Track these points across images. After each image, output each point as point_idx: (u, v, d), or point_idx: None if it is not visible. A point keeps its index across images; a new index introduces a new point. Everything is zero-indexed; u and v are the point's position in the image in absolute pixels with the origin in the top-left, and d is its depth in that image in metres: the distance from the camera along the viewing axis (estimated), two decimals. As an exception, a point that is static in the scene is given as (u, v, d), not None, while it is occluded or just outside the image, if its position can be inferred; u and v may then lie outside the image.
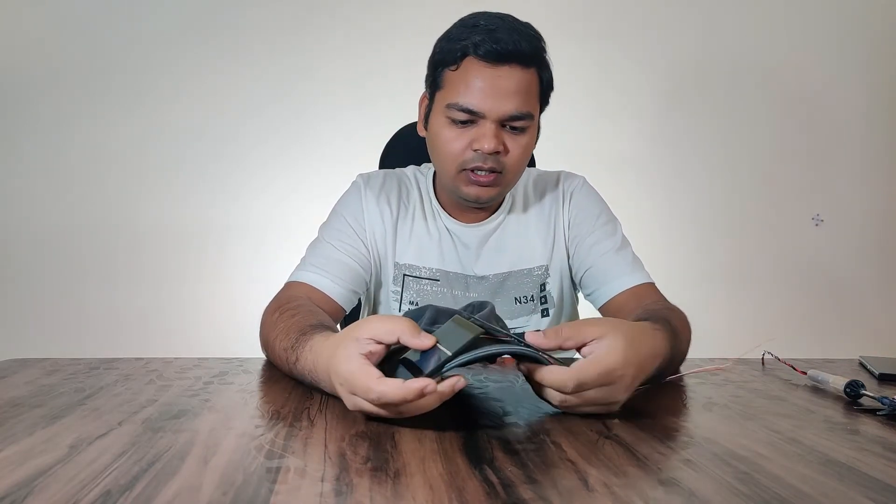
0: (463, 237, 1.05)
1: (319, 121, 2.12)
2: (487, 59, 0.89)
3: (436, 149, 0.97)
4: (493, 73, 0.89)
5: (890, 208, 2.35)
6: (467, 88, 0.90)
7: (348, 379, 0.57)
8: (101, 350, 1.62)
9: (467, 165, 0.93)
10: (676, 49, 2.25)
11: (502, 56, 0.88)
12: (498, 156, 0.92)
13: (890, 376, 0.86)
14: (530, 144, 0.96)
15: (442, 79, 0.94)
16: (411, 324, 0.59)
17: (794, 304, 2.31)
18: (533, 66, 0.92)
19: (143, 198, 2.09)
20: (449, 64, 0.92)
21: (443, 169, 0.98)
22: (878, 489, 0.45)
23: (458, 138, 0.93)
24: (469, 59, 0.90)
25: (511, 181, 0.98)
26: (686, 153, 2.27)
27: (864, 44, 2.30)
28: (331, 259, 0.99)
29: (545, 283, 1.06)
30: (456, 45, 0.91)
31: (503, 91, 0.89)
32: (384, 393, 0.54)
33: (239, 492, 0.42)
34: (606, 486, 0.44)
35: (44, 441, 0.51)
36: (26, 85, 2.04)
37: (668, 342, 0.72)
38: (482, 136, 0.90)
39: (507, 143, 0.92)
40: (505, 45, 0.88)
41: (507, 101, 0.90)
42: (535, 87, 0.93)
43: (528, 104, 0.92)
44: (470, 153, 0.92)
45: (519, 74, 0.90)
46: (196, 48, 2.09)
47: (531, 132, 0.95)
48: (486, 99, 0.89)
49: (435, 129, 0.96)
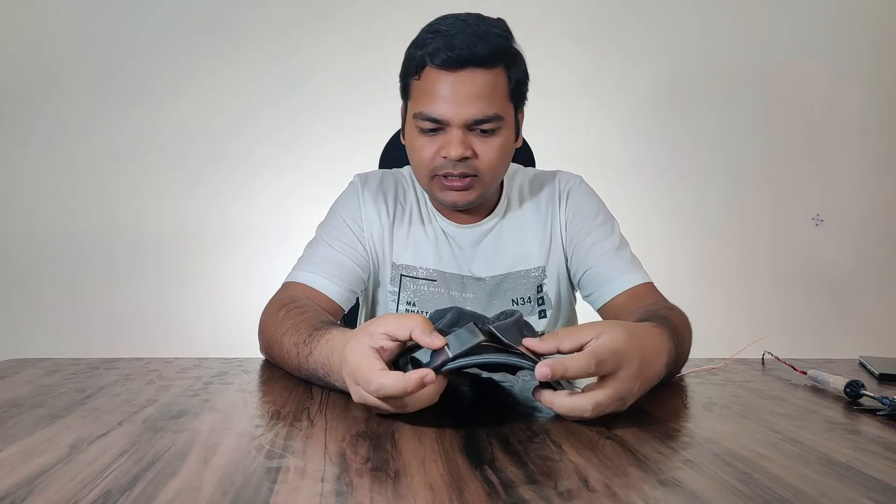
0: (457, 238, 1.05)
1: (319, 121, 2.12)
2: (445, 66, 0.89)
3: (410, 157, 0.98)
4: (452, 80, 0.89)
5: (890, 208, 2.35)
6: (429, 97, 0.91)
7: (354, 369, 0.58)
8: (101, 350, 1.62)
9: (438, 172, 0.94)
10: (676, 49, 2.24)
11: (459, 62, 0.88)
12: (468, 161, 0.92)
13: (890, 376, 0.86)
14: (505, 145, 0.95)
15: (409, 89, 0.96)
16: (425, 322, 0.60)
17: (794, 304, 2.31)
18: (497, 66, 0.91)
19: (143, 198, 2.10)
20: (412, 74, 0.94)
21: (418, 176, 0.99)
22: (878, 489, 0.45)
23: (427, 146, 0.93)
24: (428, 68, 0.91)
25: (490, 182, 0.97)
26: (686, 153, 2.27)
27: (864, 44, 2.30)
28: (329, 259, 0.99)
29: (542, 284, 1.06)
30: (416, 54, 0.92)
31: (464, 96, 0.89)
32: (383, 385, 0.55)
33: (239, 492, 0.42)
34: (607, 486, 0.44)
35: (44, 441, 0.51)
36: (26, 85, 2.04)
37: (671, 340, 0.72)
38: (448, 143, 0.91)
39: (476, 148, 0.92)
40: (460, 52, 0.88)
41: (469, 105, 0.89)
42: (503, 87, 0.92)
43: (493, 106, 0.91)
44: (440, 160, 0.93)
45: (480, 78, 0.89)
46: (196, 49, 2.09)
47: (504, 133, 0.94)
48: (448, 106, 0.89)
49: (408, 138, 0.98)
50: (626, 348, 0.60)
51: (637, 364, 0.60)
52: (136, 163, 2.09)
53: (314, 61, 2.12)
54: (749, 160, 2.29)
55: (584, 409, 0.58)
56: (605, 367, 0.58)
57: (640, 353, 0.61)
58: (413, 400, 0.57)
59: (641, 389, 0.63)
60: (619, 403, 0.60)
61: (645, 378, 0.63)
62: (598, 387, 0.59)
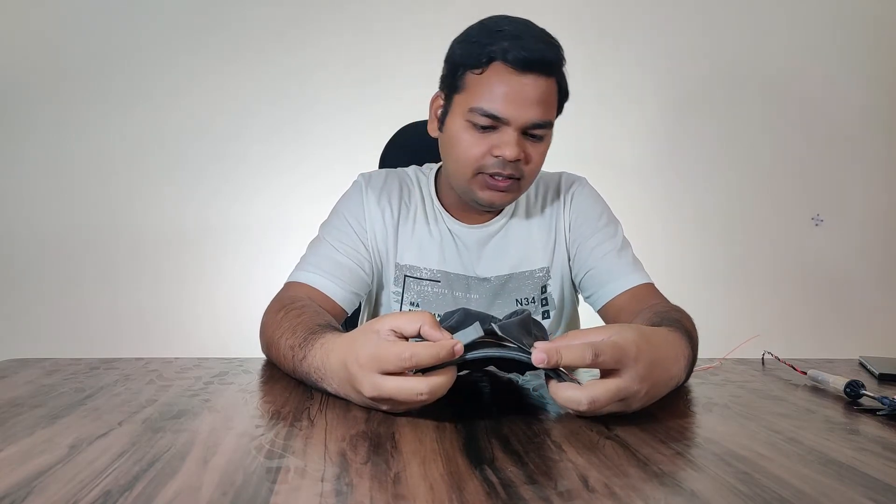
0: (464, 238, 1.05)
1: (320, 121, 2.13)
2: (515, 65, 0.88)
3: (453, 151, 0.95)
4: (519, 81, 0.89)
5: (890, 208, 2.35)
6: (492, 94, 0.89)
7: (375, 356, 0.57)
8: (101, 350, 1.62)
9: (486, 170, 0.93)
10: (677, 51, 2.25)
11: (529, 64, 0.88)
12: (518, 163, 0.92)
13: (890, 376, 0.86)
14: (546, 152, 0.96)
15: (463, 81, 0.93)
16: (431, 317, 0.60)
17: (794, 304, 2.31)
18: (554, 76, 0.92)
19: (143, 198, 2.10)
20: (473, 67, 0.91)
21: (458, 171, 0.96)
22: (878, 489, 0.45)
23: (478, 143, 0.92)
24: (496, 64, 0.89)
25: (526, 188, 0.98)
26: (686, 153, 2.27)
27: (864, 44, 2.30)
28: (331, 260, 0.99)
29: (546, 285, 1.06)
30: (482, 48, 0.90)
31: (528, 99, 0.89)
32: (416, 353, 0.55)
33: (239, 492, 0.42)
34: (607, 487, 0.44)
35: (44, 441, 0.51)
36: (26, 85, 2.04)
37: (689, 344, 0.71)
38: (505, 143, 0.90)
39: (527, 151, 0.92)
40: (532, 53, 0.88)
41: (530, 109, 0.89)
42: (555, 96, 0.93)
43: (548, 113, 0.92)
44: (490, 159, 0.92)
45: (543, 83, 0.90)
46: (196, 49, 2.09)
47: (548, 140, 0.96)
48: (511, 106, 0.89)
49: (452, 131, 0.95)
50: (633, 348, 0.58)
51: (644, 367, 0.59)
52: (137, 163, 2.09)
53: (314, 61, 2.12)
54: (749, 160, 2.30)
55: (580, 402, 0.56)
56: (605, 361, 0.57)
57: (650, 357, 0.60)
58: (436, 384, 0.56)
59: (650, 394, 0.61)
60: (622, 404, 0.59)
61: (654, 382, 0.61)
62: (598, 382, 0.58)
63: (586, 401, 0.56)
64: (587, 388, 0.57)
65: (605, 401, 0.57)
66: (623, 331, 0.60)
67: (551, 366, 0.57)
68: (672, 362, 0.65)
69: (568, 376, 0.60)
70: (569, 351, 0.56)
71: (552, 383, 0.60)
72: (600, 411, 0.59)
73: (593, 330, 0.63)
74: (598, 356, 0.56)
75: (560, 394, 0.58)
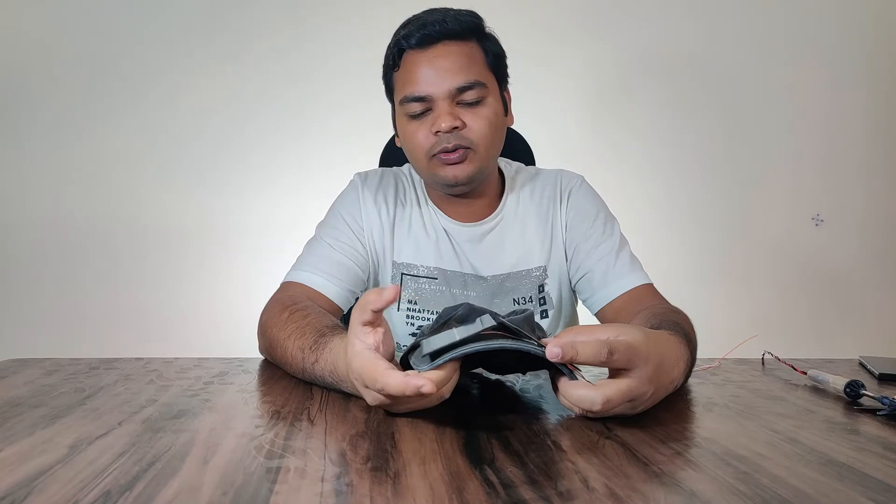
0: (459, 236, 1.05)
1: (319, 120, 2.12)
2: (420, 45, 0.93)
3: (406, 147, 1.00)
4: (428, 56, 0.93)
5: (890, 208, 2.35)
6: (411, 79, 0.94)
7: (361, 373, 0.58)
8: (101, 350, 1.62)
9: (434, 151, 0.95)
10: (677, 49, 2.24)
11: (432, 38, 0.92)
12: (457, 131, 0.93)
13: (890, 376, 0.86)
14: (494, 115, 0.96)
15: (391, 83, 0.99)
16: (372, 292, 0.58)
17: (795, 304, 2.31)
18: (471, 40, 0.95)
19: (143, 198, 2.10)
20: (392, 67, 0.98)
21: (417, 164, 1.00)
22: (878, 489, 0.45)
23: (419, 129, 0.95)
24: (405, 54, 0.95)
25: (485, 155, 0.97)
26: (686, 152, 2.27)
27: (864, 44, 2.30)
28: (328, 259, 0.99)
29: (544, 283, 1.06)
30: (393, 47, 0.97)
31: (442, 68, 0.92)
32: (387, 384, 0.55)
33: (239, 492, 0.42)
34: (607, 487, 0.44)
35: (44, 441, 0.51)
36: (26, 84, 2.04)
37: (687, 348, 0.71)
38: (437, 117, 0.93)
39: (464, 118, 0.94)
40: (432, 28, 0.92)
41: (448, 76, 0.92)
42: (480, 57, 0.96)
43: (472, 73, 0.93)
44: (432, 138, 0.94)
45: (454, 49, 0.93)
46: (196, 49, 2.09)
47: (491, 103, 0.96)
48: (429, 81, 0.92)
49: (401, 130, 0.99)
50: (644, 349, 0.58)
51: (652, 368, 0.59)
52: (136, 162, 2.09)
53: (314, 61, 2.11)
54: (749, 160, 2.29)
55: (594, 402, 0.55)
56: (618, 360, 0.56)
57: (657, 359, 0.60)
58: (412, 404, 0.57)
59: (655, 396, 0.61)
60: (630, 405, 0.58)
61: (659, 384, 0.61)
62: (611, 382, 0.57)
63: (601, 400, 0.55)
64: (601, 388, 0.56)
65: (617, 401, 0.56)
66: (630, 331, 0.60)
67: (565, 361, 0.55)
68: (673, 365, 0.65)
69: (580, 374, 0.60)
70: (585, 347, 0.55)
71: (563, 381, 0.59)
72: (610, 412, 0.58)
73: (595, 327, 0.62)
74: (612, 354, 0.55)
75: (573, 392, 0.57)
